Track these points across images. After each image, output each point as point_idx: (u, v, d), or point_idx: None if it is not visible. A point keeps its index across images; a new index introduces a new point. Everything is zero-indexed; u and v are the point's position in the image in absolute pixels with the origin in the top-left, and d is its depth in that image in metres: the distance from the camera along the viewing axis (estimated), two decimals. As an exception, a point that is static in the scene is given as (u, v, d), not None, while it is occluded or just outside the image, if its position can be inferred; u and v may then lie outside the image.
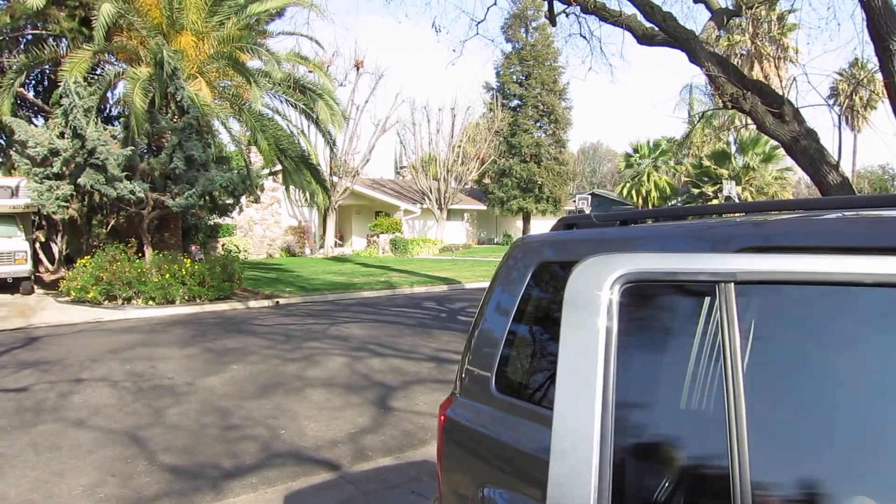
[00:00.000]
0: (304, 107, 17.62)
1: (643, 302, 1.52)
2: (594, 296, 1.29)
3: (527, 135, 39.41)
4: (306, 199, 19.82)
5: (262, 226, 30.87)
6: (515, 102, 40.68)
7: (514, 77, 40.57)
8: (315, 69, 18.20)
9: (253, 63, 16.19)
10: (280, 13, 18.37)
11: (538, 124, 40.56)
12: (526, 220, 40.83)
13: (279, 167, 18.34)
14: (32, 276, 15.70)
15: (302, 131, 18.88)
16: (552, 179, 39.34)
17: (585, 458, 1.21)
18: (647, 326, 1.60)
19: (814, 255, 1.22)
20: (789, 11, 10.31)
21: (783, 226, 1.84)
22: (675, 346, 1.59)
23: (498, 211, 40.20)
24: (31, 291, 15.51)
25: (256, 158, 20.42)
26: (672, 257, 1.35)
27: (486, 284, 2.65)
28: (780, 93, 6.25)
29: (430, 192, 35.86)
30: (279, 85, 16.77)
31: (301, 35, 20.64)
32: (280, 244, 31.26)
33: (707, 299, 1.44)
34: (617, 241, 2.19)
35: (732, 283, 1.26)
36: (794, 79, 6.36)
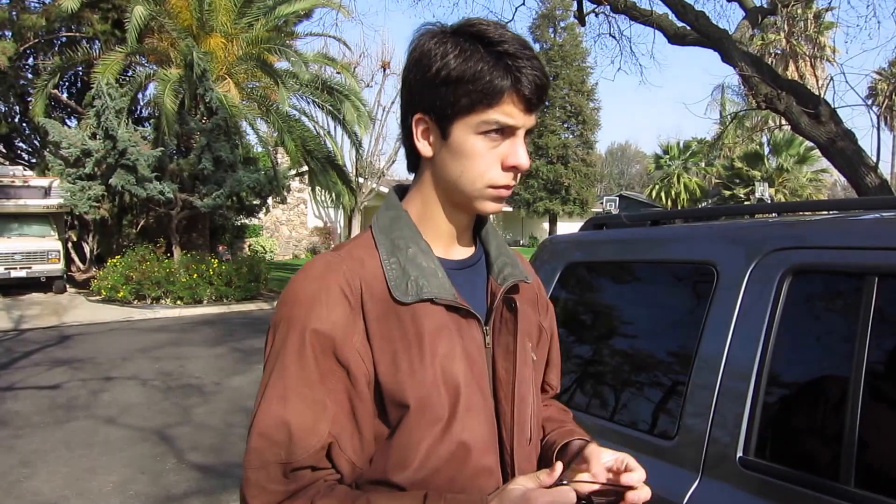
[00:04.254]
0: (330, 108, 17.68)
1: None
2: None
3: (554, 136, 39.21)
4: (332, 200, 19.92)
5: (287, 226, 31.07)
6: (543, 103, 40.49)
7: (542, 78, 40.36)
8: (342, 70, 18.27)
9: (280, 64, 16.31)
10: (308, 14, 18.46)
11: (566, 125, 40.33)
12: (552, 222, 40.59)
13: (305, 168, 18.43)
14: (64, 276, 15.92)
15: (328, 132, 18.97)
16: (579, 181, 39.08)
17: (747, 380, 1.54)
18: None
19: None
20: (826, 9, 10.11)
21: (818, 227, 1.78)
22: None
23: (524, 212, 40.04)
24: (64, 290, 15.75)
25: (283, 159, 20.57)
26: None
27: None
28: (816, 93, 6.10)
29: (456, 193, 35.85)
30: (306, 86, 16.84)
31: (329, 36, 20.70)
32: (305, 245, 31.44)
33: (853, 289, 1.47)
34: (647, 241, 2.13)
35: (876, 276, 1.40)
36: (831, 78, 6.21)
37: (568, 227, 37.22)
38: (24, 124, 19.42)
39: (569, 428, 1.23)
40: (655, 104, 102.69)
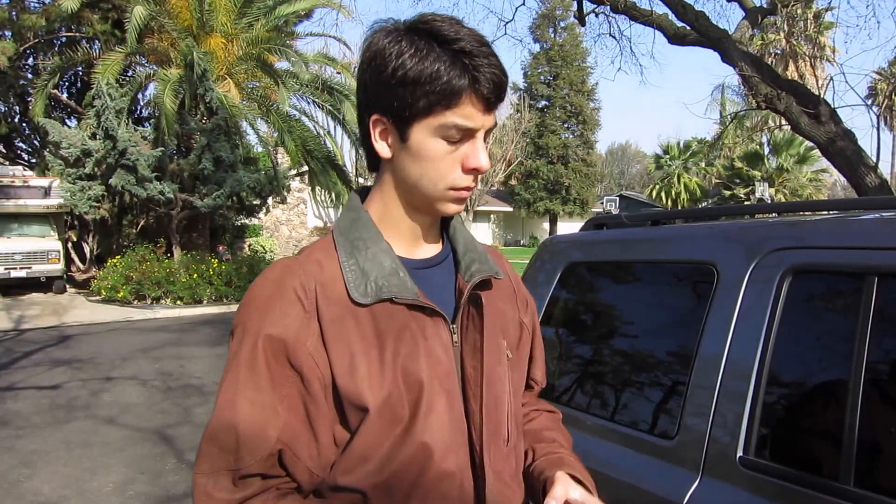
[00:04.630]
0: (330, 108, 17.69)
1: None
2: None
3: (554, 136, 39.22)
4: (332, 200, 19.90)
5: (288, 226, 31.06)
6: (543, 103, 40.52)
7: (542, 77, 40.40)
8: (342, 70, 18.27)
9: (281, 64, 16.32)
10: (308, 14, 18.47)
11: (566, 125, 40.34)
12: (553, 222, 40.60)
13: (305, 168, 18.44)
14: (64, 276, 15.94)
15: (328, 132, 18.97)
16: (579, 181, 39.10)
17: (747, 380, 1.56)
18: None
19: None
20: (826, 9, 10.10)
21: (818, 227, 1.78)
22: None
23: (524, 213, 40.04)
24: (63, 290, 15.75)
25: (283, 159, 20.58)
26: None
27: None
28: (816, 93, 6.10)
29: (457, 193, 35.82)
30: (306, 86, 16.85)
31: (329, 36, 20.81)
32: (306, 245, 31.40)
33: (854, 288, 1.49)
34: (647, 242, 2.13)
35: (875, 276, 1.41)
36: (831, 78, 6.20)
37: (568, 227, 37.22)
38: (24, 124, 19.43)
39: (558, 456, 1.17)
40: (655, 104, 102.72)
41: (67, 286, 16.15)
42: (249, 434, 0.92)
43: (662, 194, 40.85)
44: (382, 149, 1.01)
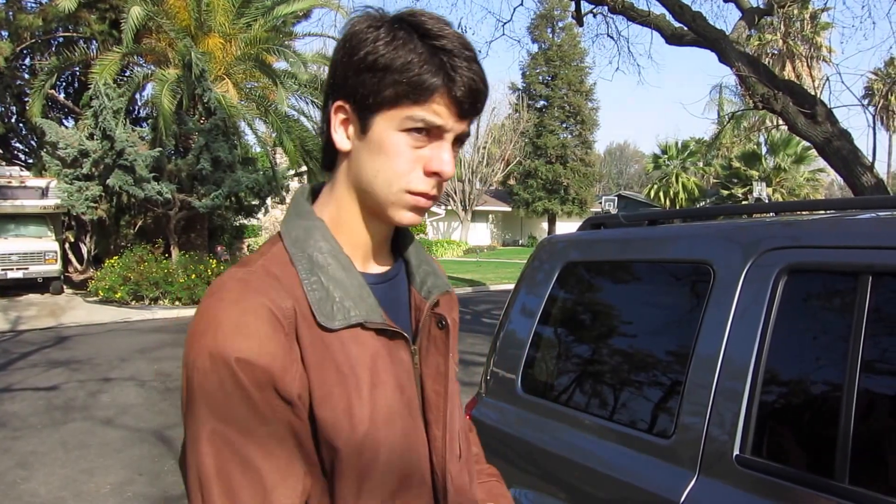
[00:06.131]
0: (329, 108, 17.67)
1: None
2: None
3: (552, 136, 39.25)
4: (331, 201, 19.87)
5: (287, 227, 31.02)
6: (541, 103, 40.55)
7: (540, 77, 40.44)
8: (341, 70, 18.26)
9: (279, 65, 16.33)
10: (307, 15, 18.49)
11: (564, 125, 40.38)
12: (551, 221, 40.64)
13: (304, 168, 18.45)
14: (62, 276, 15.91)
15: (327, 133, 18.92)
16: (578, 181, 39.13)
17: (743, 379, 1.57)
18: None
19: None
20: (822, 10, 10.12)
21: (814, 226, 1.79)
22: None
23: (523, 212, 40.08)
24: (61, 291, 15.74)
25: (282, 159, 20.55)
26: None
27: (511, 286, 2.61)
28: (813, 93, 6.12)
29: (455, 193, 35.86)
30: (305, 86, 16.85)
31: (327, 36, 20.69)
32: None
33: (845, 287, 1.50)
34: (645, 241, 2.14)
35: (870, 276, 1.42)
36: (828, 78, 6.24)
37: (566, 226, 37.26)
38: (21, 125, 19.38)
39: (499, 492, 1.19)
40: (654, 104, 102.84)
41: (65, 287, 16.14)
42: None
43: (661, 194, 40.89)
44: (341, 139, 0.92)
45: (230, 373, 0.80)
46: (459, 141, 0.93)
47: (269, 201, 17.01)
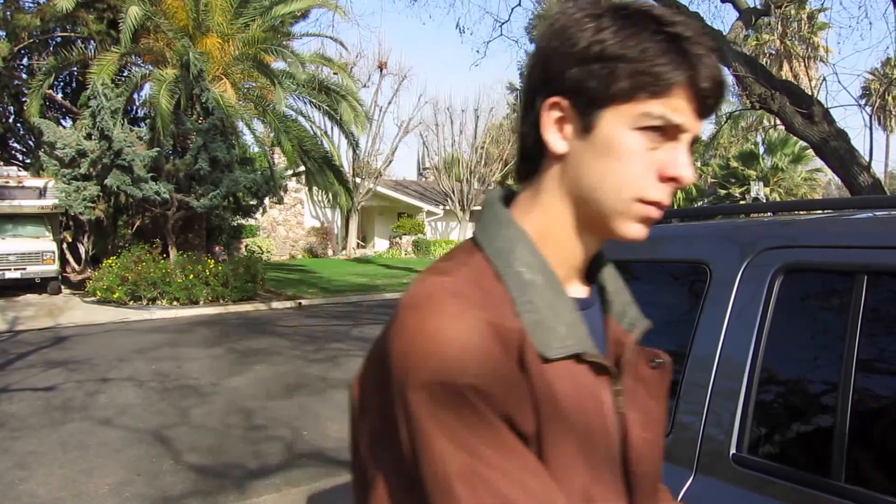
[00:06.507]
0: (327, 108, 17.69)
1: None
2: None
3: (551, 136, 39.20)
4: (329, 201, 19.92)
5: (284, 227, 31.03)
6: (539, 103, 40.51)
7: (538, 78, 40.41)
8: (339, 70, 18.28)
9: (277, 65, 16.32)
10: (305, 15, 18.48)
11: (562, 125, 40.33)
12: (549, 221, 40.56)
13: (302, 168, 18.44)
14: (59, 277, 15.89)
15: (325, 132, 18.99)
16: (575, 181, 39.09)
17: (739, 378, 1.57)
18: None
19: None
20: (819, 10, 10.16)
21: (810, 226, 1.79)
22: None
23: (521, 212, 40.01)
24: (59, 291, 15.71)
25: (280, 159, 20.56)
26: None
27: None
28: (810, 93, 6.13)
29: (453, 193, 35.82)
30: (303, 86, 16.85)
31: (325, 37, 20.82)
32: (303, 245, 31.39)
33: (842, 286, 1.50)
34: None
35: (866, 275, 1.42)
36: (824, 78, 6.26)
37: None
38: (19, 125, 19.36)
39: None
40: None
41: (62, 287, 16.10)
42: None
43: (658, 194, 40.81)
44: (556, 142, 0.79)
45: (467, 403, 0.68)
46: (694, 144, 0.80)
47: (266, 201, 17.00)
